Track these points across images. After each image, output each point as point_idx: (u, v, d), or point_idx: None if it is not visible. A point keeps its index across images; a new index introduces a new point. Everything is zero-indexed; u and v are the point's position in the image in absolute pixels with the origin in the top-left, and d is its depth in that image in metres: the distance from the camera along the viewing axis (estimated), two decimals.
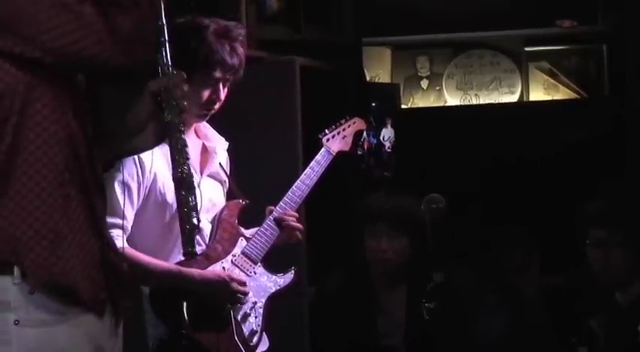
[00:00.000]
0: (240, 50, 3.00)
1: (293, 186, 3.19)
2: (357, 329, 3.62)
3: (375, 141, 5.51)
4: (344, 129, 3.41)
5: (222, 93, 2.99)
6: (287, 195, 3.17)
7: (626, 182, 4.91)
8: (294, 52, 4.34)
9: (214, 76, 2.95)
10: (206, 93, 2.96)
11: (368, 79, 5.80)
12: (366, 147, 5.39)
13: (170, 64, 2.17)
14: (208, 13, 3.15)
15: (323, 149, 3.32)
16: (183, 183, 2.19)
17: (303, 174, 3.22)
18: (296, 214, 3.19)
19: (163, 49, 2.18)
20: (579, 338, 3.37)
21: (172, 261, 2.97)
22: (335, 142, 3.35)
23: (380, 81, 6.07)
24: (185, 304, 2.91)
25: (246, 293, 3.04)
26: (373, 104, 5.51)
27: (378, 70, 6.09)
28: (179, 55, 2.95)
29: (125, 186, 2.80)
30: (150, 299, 2.96)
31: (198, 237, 3.02)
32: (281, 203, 3.16)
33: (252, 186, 3.29)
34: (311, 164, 3.27)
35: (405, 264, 3.59)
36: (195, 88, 2.94)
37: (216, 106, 3.00)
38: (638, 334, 2.99)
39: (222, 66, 2.94)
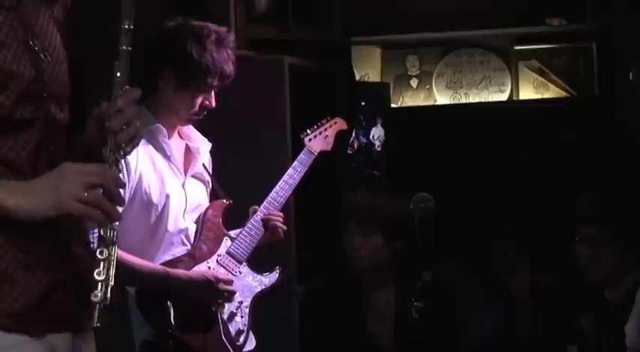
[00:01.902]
0: (233, 57, 3.02)
1: (276, 186, 3.21)
2: (346, 329, 3.61)
3: (364, 141, 5.50)
4: (325, 130, 3.44)
5: (213, 99, 3.02)
6: (270, 194, 3.19)
7: (615, 179, 4.92)
8: (283, 51, 4.34)
9: (211, 84, 2.97)
10: (199, 100, 2.99)
11: (358, 78, 5.79)
12: (356, 146, 5.38)
13: (126, 82, 1.85)
14: (197, 13, 3.15)
15: (305, 149, 3.34)
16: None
17: (285, 175, 3.24)
18: (281, 214, 3.20)
19: (121, 62, 1.85)
20: (569, 337, 3.38)
21: (157, 261, 2.97)
22: (317, 142, 3.38)
23: (370, 80, 6.06)
24: (171, 304, 2.92)
25: (232, 293, 3.05)
26: (363, 103, 5.50)
27: (368, 69, 6.08)
28: (177, 61, 2.98)
29: None
30: (136, 300, 2.96)
31: (183, 237, 3.03)
32: (265, 203, 3.17)
33: (242, 185, 3.29)
34: (294, 164, 3.30)
35: (386, 262, 3.58)
36: (190, 94, 2.97)
37: (205, 112, 3.03)
38: (624, 335, 2.99)
39: (221, 75, 2.96)
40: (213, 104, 3.03)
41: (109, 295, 1.76)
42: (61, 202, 1.74)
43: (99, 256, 1.77)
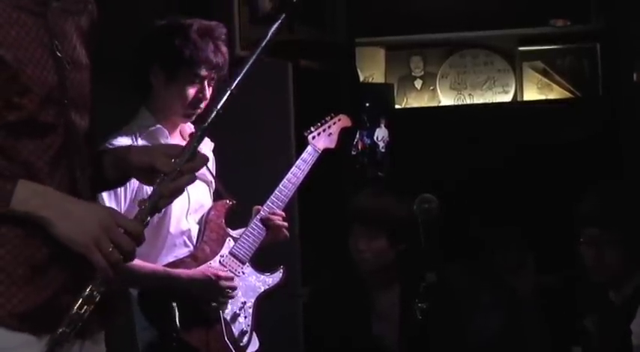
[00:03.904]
0: (224, 49, 3.01)
1: (279, 185, 3.19)
2: (350, 330, 3.61)
3: (369, 142, 5.51)
4: (329, 127, 3.41)
5: (208, 92, 2.99)
6: (273, 194, 3.17)
7: (619, 180, 4.91)
8: (287, 52, 4.34)
9: (199, 74, 2.96)
10: (192, 92, 2.97)
11: (362, 79, 5.80)
12: (360, 147, 5.39)
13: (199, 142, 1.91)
14: (200, 14, 3.16)
15: (309, 147, 3.32)
16: None
17: (289, 173, 3.22)
18: (282, 213, 3.19)
19: (208, 123, 1.93)
20: (573, 338, 3.37)
21: (160, 263, 2.97)
22: (320, 140, 3.36)
23: (374, 81, 6.06)
24: (174, 306, 2.91)
25: (234, 288, 3.04)
26: (367, 104, 5.51)
27: (373, 70, 6.08)
28: (162, 55, 2.99)
29: (112, 190, 2.80)
30: (139, 302, 2.96)
31: (185, 238, 3.03)
32: (268, 202, 3.16)
33: (247, 187, 3.29)
34: (297, 163, 3.28)
35: (391, 264, 3.58)
36: (181, 86, 2.95)
37: (202, 105, 3.00)
38: (630, 332, 2.98)
39: (207, 64, 2.95)
40: (207, 96, 3.00)
41: (73, 332, 1.77)
42: (84, 244, 1.76)
43: (86, 292, 1.78)
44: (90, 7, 2.02)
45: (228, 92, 1.92)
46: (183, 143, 3.10)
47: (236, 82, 1.93)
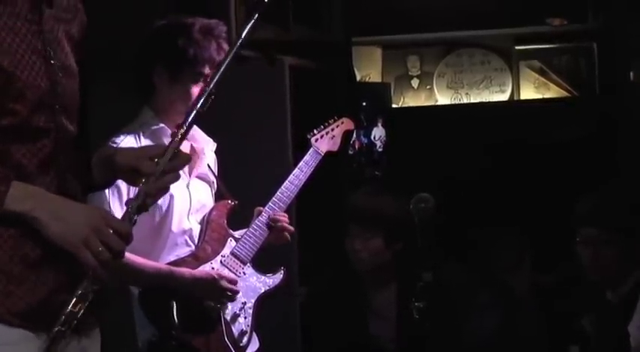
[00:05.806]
0: (225, 47, 3.01)
1: (282, 187, 3.19)
2: (347, 329, 3.61)
3: (366, 141, 5.51)
4: (332, 130, 3.41)
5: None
6: (275, 195, 3.17)
7: (616, 180, 4.92)
8: (283, 52, 4.34)
9: (203, 73, 2.96)
10: (195, 91, 2.96)
11: (359, 78, 5.80)
12: (357, 146, 5.39)
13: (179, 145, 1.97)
14: (197, 13, 3.15)
15: (311, 149, 3.32)
16: None
17: (291, 175, 3.21)
18: (286, 215, 3.19)
19: (189, 123, 1.98)
20: (571, 337, 3.38)
21: (161, 262, 2.96)
22: (323, 142, 3.35)
23: (371, 80, 6.07)
24: (175, 305, 2.91)
25: (236, 292, 3.04)
26: (364, 103, 5.51)
27: (369, 69, 6.09)
28: (166, 55, 2.98)
29: (115, 187, 2.80)
30: (140, 300, 2.96)
31: (187, 237, 3.03)
32: (270, 204, 3.16)
33: (243, 186, 3.28)
34: (299, 164, 3.27)
35: (387, 263, 3.58)
36: (185, 85, 2.95)
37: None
38: (627, 334, 2.99)
39: (211, 62, 2.95)
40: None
41: (69, 330, 1.82)
42: (74, 244, 1.81)
43: (79, 291, 1.82)
44: (80, 15, 2.07)
45: (207, 92, 1.99)
46: (186, 143, 3.10)
47: (214, 81, 2.01)
